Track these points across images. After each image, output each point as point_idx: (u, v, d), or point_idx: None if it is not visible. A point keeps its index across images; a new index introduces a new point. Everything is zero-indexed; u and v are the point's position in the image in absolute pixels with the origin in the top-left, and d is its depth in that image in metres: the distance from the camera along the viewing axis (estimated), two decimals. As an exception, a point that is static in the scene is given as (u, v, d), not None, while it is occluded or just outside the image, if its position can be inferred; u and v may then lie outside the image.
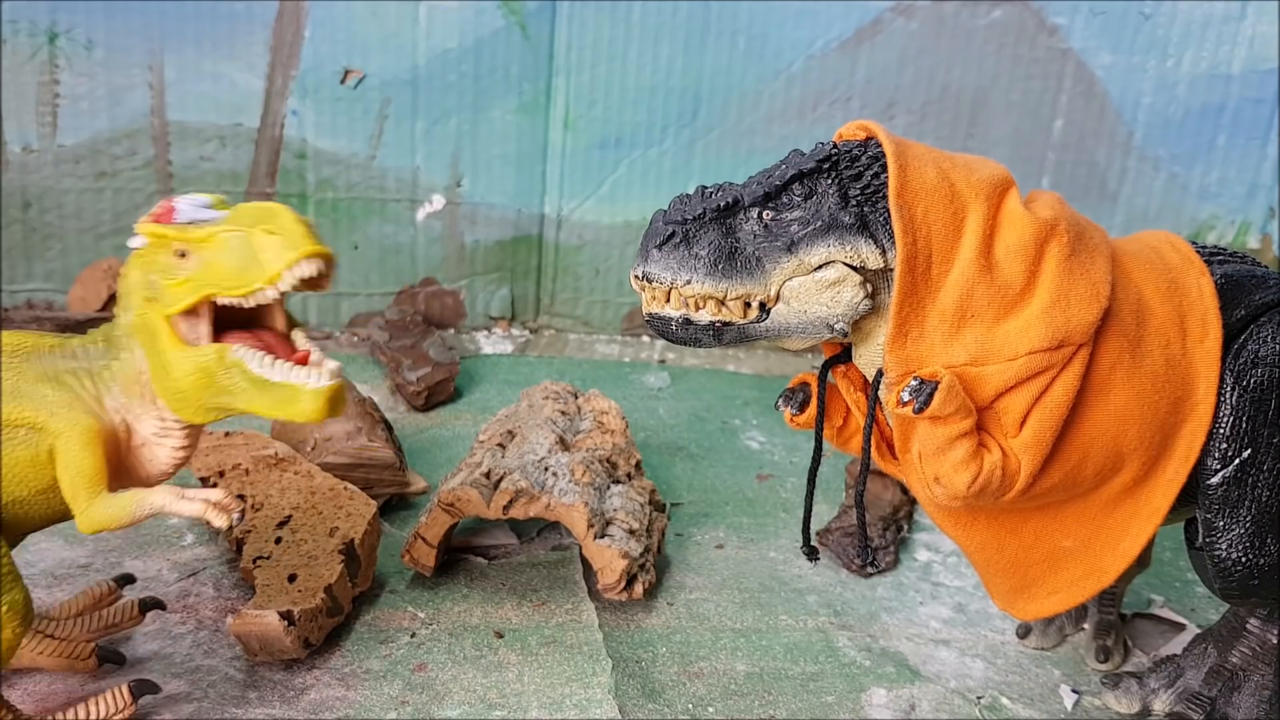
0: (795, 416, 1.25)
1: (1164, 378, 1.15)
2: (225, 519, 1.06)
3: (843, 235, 1.09)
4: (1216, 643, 1.32)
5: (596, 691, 1.31)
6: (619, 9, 2.19)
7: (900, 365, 1.10)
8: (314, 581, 1.33)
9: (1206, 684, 1.30)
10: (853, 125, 1.18)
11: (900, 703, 1.34)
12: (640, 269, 1.10)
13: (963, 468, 1.09)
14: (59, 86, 2.12)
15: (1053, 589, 1.24)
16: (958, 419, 1.07)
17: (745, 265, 1.09)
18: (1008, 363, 1.08)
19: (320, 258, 0.98)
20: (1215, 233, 2.33)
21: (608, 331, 2.44)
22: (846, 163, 1.12)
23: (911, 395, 1.07)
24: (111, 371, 1.07)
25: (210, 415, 1.06)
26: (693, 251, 1.08)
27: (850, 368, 1.22)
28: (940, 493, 1.12)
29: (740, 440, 2.02)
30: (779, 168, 1.13)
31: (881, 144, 1.12)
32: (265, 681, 1.28)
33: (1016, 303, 1.09)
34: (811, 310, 1.11)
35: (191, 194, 1.05)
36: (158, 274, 1.02)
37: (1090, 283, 1.11)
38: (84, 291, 2.15)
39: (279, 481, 1.50)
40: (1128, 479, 1.17)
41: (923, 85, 2.26)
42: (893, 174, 1.09)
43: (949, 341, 1.09)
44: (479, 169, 2.29)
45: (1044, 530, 1.21)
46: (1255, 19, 2.17)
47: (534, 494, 1.44)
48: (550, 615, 1.45)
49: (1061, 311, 1.09)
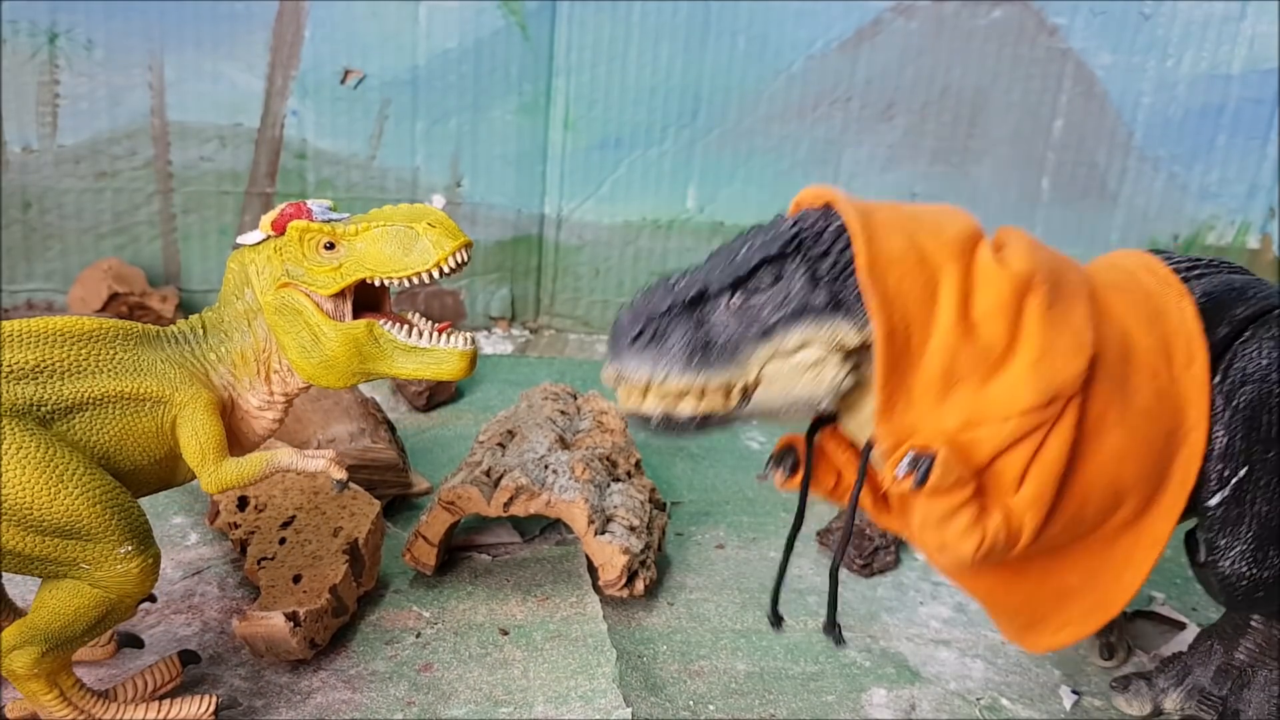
0: (787, 480, 1.22)
1: (1155, 411, 1.13)
2: (342, 472, 1.22)
3: (817, 317, 1.06)
4: (1222, 640, 1.33)
5: (601, 682, 1.31)
6: (619, 9, 2.19)
7: (891, 436, 1.06)
8: (319, 582, 1.33)
9: (1216, 682, 1.31)
10: (810, 192, 1.13)
11: (900, 703, 1.35)
12: (615, 367, 1.07)
13: (966, 537, 1.06)
14: (59, 86, 2.12)
15: (1063, 623, 1.22)
16: (958, 490, 1.05)
17: (721, 355, 1.05)
18: (1001, 423, 1.05)
19: (469, 247, 1.16)
20: (1215, 233, 2.33)
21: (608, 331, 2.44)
22: (811, 240, 1.07)
23: (909, 469, 1.04)
24: (219, 354, 1.20)
25: (353, 380, 1.21)
26: (666, 346, 1.05)
27: (837, 428, 1.19)
28: (945, 561, 1.10)
29: (740, 440, 2.02)
30: (743, 248, 1.09)
31: (843, 216, 1.08)
32: (271, 685, 1.28)
33: (1001, 362, 1.06)
34: (794, 392, 1.07)
35: (314, 199, 1.21)
36: (299, 263, 1.16)
37: (1073, 332, 1.08)
38: (84, 291, 2.15)
39: (282, 482, 1.50)
40: (1128, 514, 1.16)
41: (923, 85, 2.27)
42: (859, 249, 1.05)
43: (938, 408, 1.06)
44: (479, 169, 2.29)
45: (1049, 569, 1.19)
46: (1255, 19, 2.18)
47: (534, 491, 1.45)
48: (555, 610, 1.46)
49: (1048, 366, 1.06)
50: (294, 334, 1.18)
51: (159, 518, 1.57)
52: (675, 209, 2.33)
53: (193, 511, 1.59)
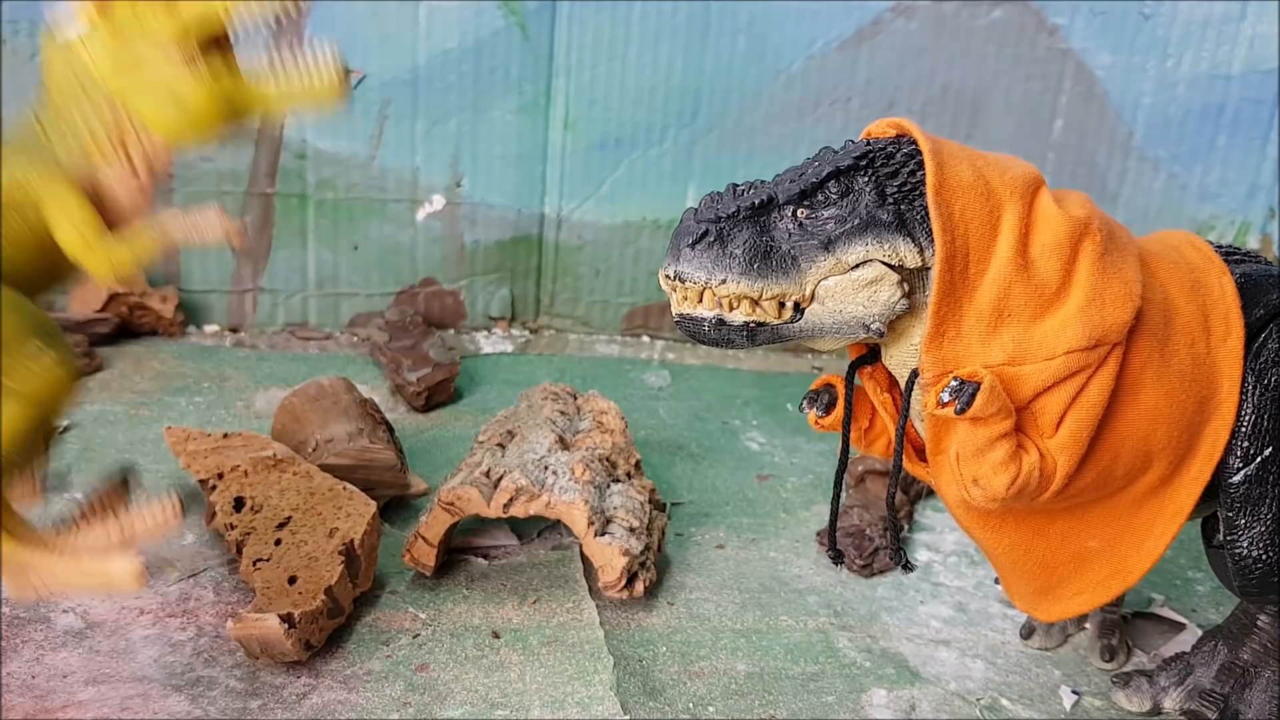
0: (821, 419, 1.24)
1: (1190, 376, 1.16)
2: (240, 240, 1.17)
3: (880, 233, 1.08)
4: (1226, 640, 1.33)
5: (598, 689, 1.31)
6: (619, 9, 2.19)
7: (937, 365, 1.09)
8: (314, 583, 1.33)
9: (1218, 681, 1.31)
10: (882, 123, 1.16)
11: (900, 703, 1.35)
12: (672, 268, 1.07)
13: (1002, 469, 1.08)
14: (59, 87, 2.11)
15: (1078, 589, 1.24)
16: (998, 420, 1.07)
17: (780, 264, 1.07)
18: (1045, 362, 1.08)
19: None
20: (1215, 233, 2.33)
21: (608, 331, 2.44)
22: (882, 160, 1.10)
23: (952, 396, 1.05)
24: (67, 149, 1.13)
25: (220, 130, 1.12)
26: (727, 250, 1.06)
27: (877, 368, 1.22)
28: (978, 495, 1.11)
29: (740, 440, 2.02)
30: (812, 165, 1.11)
31: (917, 141, 1.11)
32: (267, 687, 1.28)
33: (1052, 302, 1.09)
34: (848, 310, 1.09)
35: None
36: None
37: (1123, 281, 1.11)
38: (84, 291, 2.15)
39: (278, 483, 1.50)
40: (1154, 479, 1.18)
41: (923, 85, 2.26)
42: (930, 171, 1.08)
43: (986, 341, 1.08)
44: (479, 169, 2.29)
45: (1070, 531, 1.21)
46: (1255, 19, 2.17)
47: (534, 492, 1.44)
48: (551, 614, 1.45)
49: (1097, 310, 1.09)
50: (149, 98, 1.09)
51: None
52: (675, 209, 2.33)
53: (191, 512, 1.59)
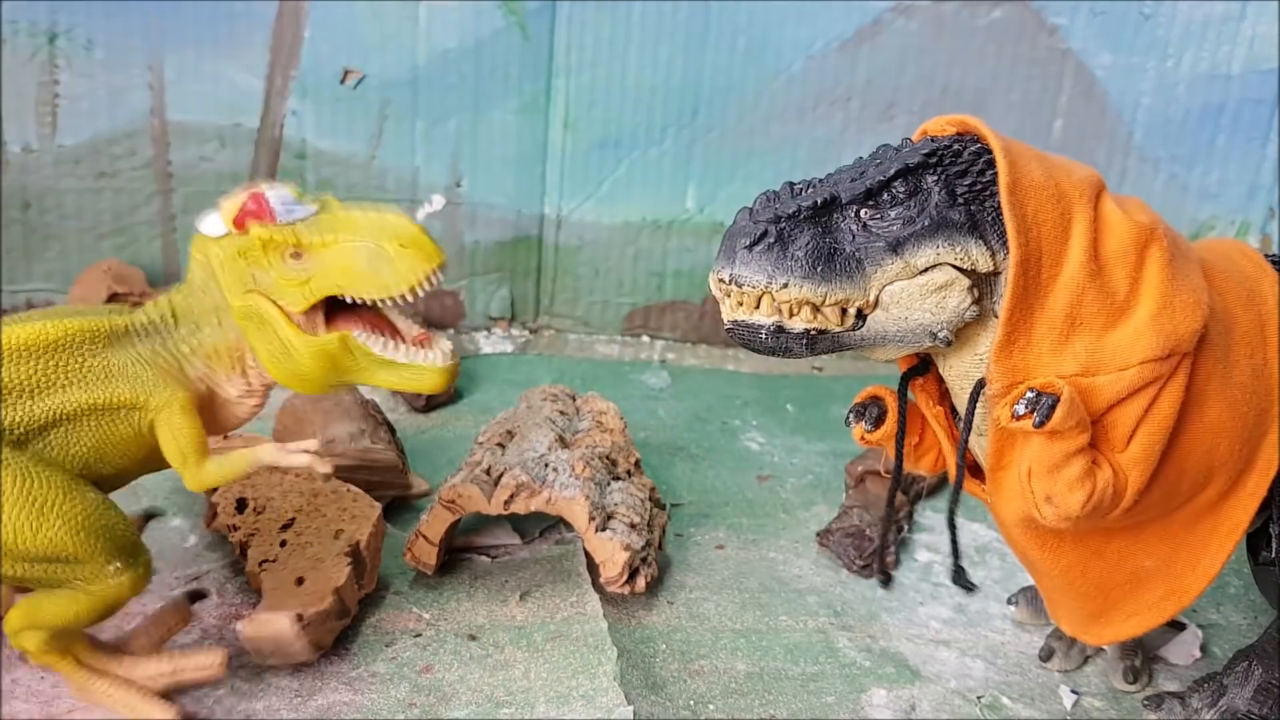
0: (869, 433, 1.20)
1: (1250, 388, 1.11)
2: (328, 466, 1.20)
3: (952, 235, 1.02)
4: (1262, 660, 1.29)
5: (602, 680, 1.31)
6: (619, 9, 2.19)
7: (1007, 376, 1.03)
8: (322, 584, 1.33)
9: (1255, 702, 1.27)
10: (940, 120, 1.11)
11: (900, 703, 1.35)
12: (727, 271, 1.00)
13: (1078, 485, 1.03)
14: (59, 86, 2.12)
15: (1132, 611, 1.20)
16: (1075, 434, 1.01)
17: (845, 268, 1.00)
18: (1119, 373, 1.03)
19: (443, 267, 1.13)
20: (1215, 233, 2.33)
21: (608, 332, 2.44)
22: (950, 158, 1.05)
23: (1029, 408, 1.00)
24: (191, 346, 1.17)
25: (330, 389, 1.19)
26: (789, 252, 0.99)
27: (928, 380, 1.17)
28: (1050, 513, 1.05)
29: (740, 441, 2.02)
30: (873, 163, 1.06)
31: (987, 139, 1.06)
32: (272, 688, 1.28)
33: (1123, 310, 1.04)
34: (914, 317, 1.03)
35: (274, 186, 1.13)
36: (265, 270, 1.12)
37: (1191, 289, 1.06)
38: (84, 291, 2.15)
39: (280, 484, 1.50)
40: (1212, 494, 1.14)
41: (923, 85, 2.26)
42: (1003, 170, 1.02)
43: (1058, 350, 1.03)
44: (479, 169, 2.29)
45: (1127, 550, 1.17)
46: (1255, 19, 2.18)
47: (535, 488, 1.45)
48: (555, 610, 1.46)
49: (1169, 319, 1.04)
50: (265, 342, 1.15)
51: (158, 519, 1.57)
52: (675, 209, 2.33)
53: (191, 513, 1.59)
